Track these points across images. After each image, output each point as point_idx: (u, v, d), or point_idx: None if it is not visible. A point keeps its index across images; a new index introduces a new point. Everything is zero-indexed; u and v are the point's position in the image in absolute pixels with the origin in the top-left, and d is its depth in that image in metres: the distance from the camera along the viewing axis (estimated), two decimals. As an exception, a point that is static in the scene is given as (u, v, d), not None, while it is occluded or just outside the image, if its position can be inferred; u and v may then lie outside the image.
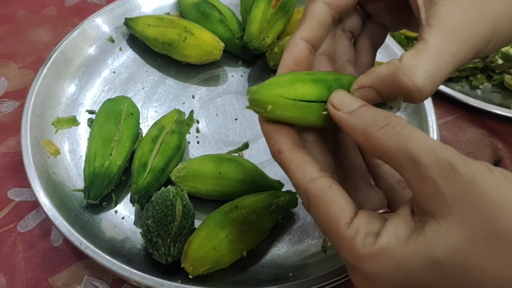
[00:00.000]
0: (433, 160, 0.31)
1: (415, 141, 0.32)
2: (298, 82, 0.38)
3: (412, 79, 0.35)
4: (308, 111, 0.38)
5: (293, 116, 0.38)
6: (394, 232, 0.33)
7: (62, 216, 0.58)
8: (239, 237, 0.56)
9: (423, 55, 0.36)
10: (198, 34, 0.74)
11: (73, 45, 0.75)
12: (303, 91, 0.38)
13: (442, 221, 0.31)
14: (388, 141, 0.33)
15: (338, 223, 0.35)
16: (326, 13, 0.41)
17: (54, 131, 0.68)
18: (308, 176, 0.37)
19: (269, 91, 0.37)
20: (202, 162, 0.62)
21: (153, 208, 0.56)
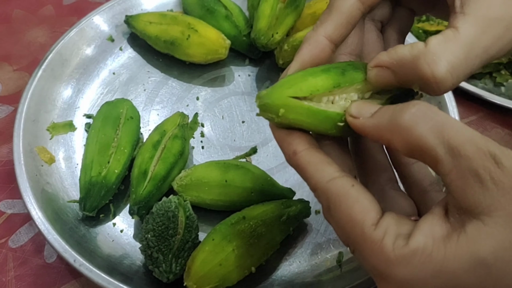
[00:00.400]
0: (475, 151, 0.28)
1: (453, 129, 0.29)
2: (309, 77, 0.34)
3: (432, 69, 0.32)
4: (323, 118, 0.34)
5: (307, 122, 0.34)
6: (430, 232, 0.30)
7: (55, 230, 0.53)
8: (247, 251, 0.51)
9: (451, 44, 0.32)
10: (203, 32, 0.69)
11: (70, 45, 0.71)
12: (316, 84, 0.34)
13: (487, 219, 0.28)
14: (421, 129, 0.30)
15: (363, 224, 0.31)
16: (357, 9, 0.37)
17: (49, 137, 0.63)
18: (328, 175, 0.34)
19: (280, 94, 0.33)
20: (206, 170, 0.57)
21: (153, 220, 0.52)
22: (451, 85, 0.32)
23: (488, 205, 0.28)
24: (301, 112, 0.34)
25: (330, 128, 0.35)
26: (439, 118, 0.30)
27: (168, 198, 0.53)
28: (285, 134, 0.36)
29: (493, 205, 0.28)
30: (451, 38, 0.32)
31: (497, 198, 0.28)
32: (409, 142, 0.30)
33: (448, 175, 0.29)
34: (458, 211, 0.29)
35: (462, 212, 0.29)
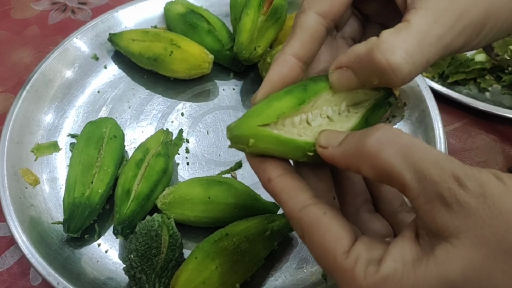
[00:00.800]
0: (440, 174, 0.28)
1: (419, 152, 0.29)
2: (273, 102, 0.34)
3: (387, 57, 0.32)
4: (292, 147, 0.34)
5: (278, 150, 0.34)
6: (400, 256, 0.29)
7: (39, 253, 0.53)
8: (231, 268, 0.51)
9: (403, 33, 0.32)
10: (185, 47, 0.69)
11: (54, 65, 0.71)
12: (281, 107, 0.34)
13: (455, 241, 0.28)
14: (386, 155, 0.29)
15: (335, 253, 0.31)
16: (320, 24, 0.37)
17: (34, 158, 0.63)
18: (300, 203, 0.33)
19: (248, 124, 0.33)
20: (189, 187, 0.57)
21: (136, 240, 0.52)
22: (408, 72, 0.32)
23: (456, 227, 0.28)
24: (270, 141, 0.33)
25: (301, 156, 0.35)
26: (404, 141, 0.29)
27: (151, 217, 0.53)
28: (259, 161, 0.35)
29: (460, 227, 0.28)
30: (402, 29, 0.33)
31: (463, 220, 0.27)
32: (376, 168, 0.30)
33: (416, 199, 0.29)
34: (428, 234, 0.29)
35: (431, 235, 0.29)
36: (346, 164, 0.32)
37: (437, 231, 0.28)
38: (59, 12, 0.86)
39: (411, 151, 0.29)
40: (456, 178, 0.28)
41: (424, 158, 0.29)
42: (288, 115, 0.34)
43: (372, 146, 0.30)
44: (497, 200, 0.27)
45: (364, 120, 0.37)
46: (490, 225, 0.27)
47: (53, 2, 0.88)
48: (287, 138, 0.34)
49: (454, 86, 0.74)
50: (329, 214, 0.32)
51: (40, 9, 0.87)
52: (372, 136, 0.30)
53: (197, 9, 0.75)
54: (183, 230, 0.56)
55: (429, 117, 0.65)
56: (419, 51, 0.32)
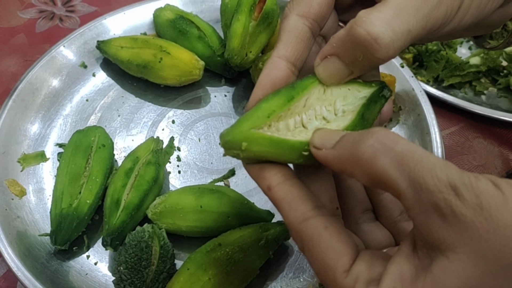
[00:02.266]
0: (435, 184, 0.27)
1: (414, 160, 0.28)
2: (262, 104, 0.33)
3: (366, 28, 0.31)
4: (287, 148, 0.33)
5: (272, 153, 0.33)
6: (398, 274, 0.28)
7: (26, 266, 0.52)
8: (224, 279, 0.49)
9: (380, 8, 0.32)
10: (175, 54, 0.68)
11: (40, 74, 0.69)
12: (270, 107, 0.33)
13: (452, 255, 0.26)
14: (381, 162, 0.28)
15: (335, 271, 0.30)
16: (302, 25, 0.36)
17: (20, 169, 0.62)
18: (301, 215, 0.32)
19: (240, 129, 0.32)
20: (181, 196, 0.56)
21: (126, 251, 0.50)
22: (390, 39, 0.32)
23: (452, 240, 0.26)
24: (263, 143, 0.32)
25: (296, 158, 0.34)
26: (399, 148, 0.28)
27: (141, 228, 0.52)
28: (258, 169, 0.34)
29: (457, 241, 0.26)
30: (379, 5, 0.32)
31: (459, 233, 0.26)
32: (371, 175, 0.29)
33: (412, 209, 0.28)
34: (425, 245, 0.28)
35: (429, 247, 0.28)
36: (339, 168, 0.31)
37: (433, 243, 0.27)
38: (47, 20, 0.85)
39: (406, 159, 0.28)
40: (453, 187, 0.26)
41: (420, 165, 0.27)
42: (279, 114, 0.33)
43: (366, 152, 0.29)
44: (494, 212, 0.26)
45: (360, 116, 0.36)
46: (487, 239, 0.26)
47: (41, 10, 0.86)
48: (280, 139, 0.33)
49: (449, 90, 0.73)
50: (330, 229, 0.31)
51: (27, 17, 0.85)
52: (366, 142, 0.29)
53: (187, 15, 0.74)
54: (174, 240, 0.54)
55: (425, 121, 0.64)
56: (397, 19, 0.32)
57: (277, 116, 0.33)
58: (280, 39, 0.37)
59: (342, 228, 0.32)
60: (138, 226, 0.52)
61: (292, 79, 0.36)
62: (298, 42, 0.36)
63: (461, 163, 0.65)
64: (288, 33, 0.36)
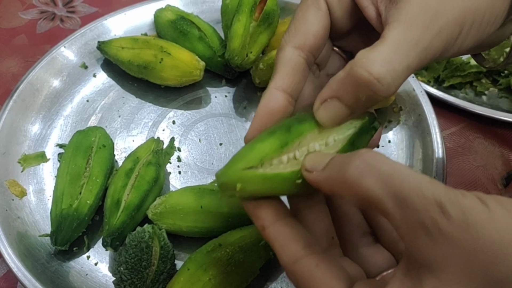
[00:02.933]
0: (421, 202, 0.27)
1: (400, 179, 0.28)
2: (256, 144, 0.34)
3: (367, 69, 0.32)
4: (280, 181, 0.34)
5: (267, 189, 0.34)
6: None
7: (26, 267, 0.52)
8: (225, 279, 0.49)
9: (379, 47, 0.32)
10: (175, 54, 0.68)
11: (41, 74, 0.69)
12: (263, 150, 0.33)
13: (442, 275, 0.26)
14: (367, 183, 0.28)
15: None
16: (298, 56, 0.37)
17: (20, 169, 0.62)
18: (293, 257, 0.33)
19: (233, 169, 0.33)
20: (181, 196, 0.56)
21: (126, 252, 0.50)
22: (391, 79, 0.32)
23: (441, 260, 0.26)
24: (257, 182, 0.33)
25: (291, 189, 0.34)
26: (385, 168, 0.28)
27: (141, 228, 0.51)
28: (253, 207, 0.35)
29: (445, 260, 0.26)
30: (378, 44, 0.32)
31: (448, 252, 0.26)
32: (358, 196, 0.29)
33: (400, 228, 0.28)
34: (415, 265, 0.28)
35: (419, 267, 0.28)
36: (330, 190, 0.32)
37: (423, 263, 0.27)
38: (48, 21, 0.85)
39: (392, 178, 0.28)
40: (439, 205, 0.26)
41: (406, 185, 0.27)
42: (272, 156, 0.33)
43: (353, 173, 0.29)
44: (480, 229, 0.26)
45: (351, 143, 0.36)
46: (475, 257, 0.26)
47: (42, 11, 0.86)
48: (272, 174, 0.33)
49: (450, 90, 0.73)
50: (321, 266, 0.32)
51: (28, 18, 0.85)
52: (352, 163, 0.29)
53: (188, 16, 0.74)
54: (175, 240, 0.54)
55: (425, 121, 0.64)
56: (397, 57, 0.32)
57: (270, 158, 0.33)
58: (277, 71, 0.37)
59: (333, 263, 0.32)
60: (139, 227, 0.52)
61: (289, 109, 0.37)
62: (294, 73, 0.37)
63: (461, 163, 0.65)
64: (285, 65, 0.37)
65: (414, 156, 0.63)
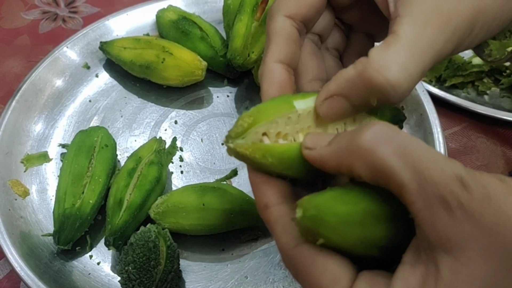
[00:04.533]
0: (441, 175, 0.25)
1: (418, 151, 0.26)
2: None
3: (383, 75, 0.30)
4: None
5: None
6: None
7: (29, 266, 0.52)
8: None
9: (394, 47, 0.31)
10: (178, 54, 0.68)
11: (44, 74, 0.70)
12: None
13: (461, 255, 0.25)
14: (383, 151, 0.27)
15: None
16: (290, 26, 0.36)
17: (23, 169, 0.62)
18: (294, 240, 0.30)
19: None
20: (183, 194, 0.56)
21: (133, 251, 0.50)
22: (407, 87, 0.30)
23: (460, 237, 0.25)
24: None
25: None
26: (402, 138, 0.27)
27: (146, 227, 0.51)
28: (261, 181, 0.33)
29: (465, 237, 0.25)
30: (392, 42, 0.31)
31: (468, 228, 0.25)
32: (372, 165, 0.27)
33: (415, 203, 0.26)
34: (430, 246, 0.26)
35: (433, 247, 0.26)
36: (336, 164, 0.29)
37: (439, 242, 0.26)
38: (50, 21, 0.85)
39: (410, 149, 0.26)
40: (459, 179, 0.25)
41: (424, 157, 0.26)
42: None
43: (367, 141, 0.27)
44: (503, 202, 0.25)
45: None
46: (498, 232, 0.24)
47: (44, 11, 0.87)
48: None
49: (452, 90, 0.73)
50: (325, 251, 0.29)
51: (31, 18, 0.85)
52: (367, 131, 0.27)
53: (190, 16, 0.74)
54: (178, 239, 0.54)
55: (427, 120, 0.64)
56: (413, 61, 0.31)
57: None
58: (271, 42, 0.36)
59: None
60: (142, 226, 0.52)
61: (292, 79, 0.36)
62: (288, 44, 0.36)
63: (463, 163, 0.64)
64: (278, 35, 0.36)
65: (416, 156, 0.63)
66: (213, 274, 0.54)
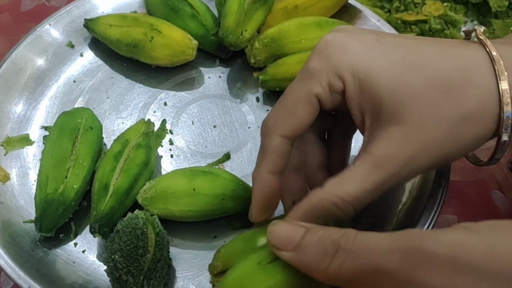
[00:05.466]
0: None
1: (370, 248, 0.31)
2: None
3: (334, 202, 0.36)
4: None
5: None
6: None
7: (9, 254, 0.49)
8: None
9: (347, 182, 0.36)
10: (167, 32, 0.65)
11: (25, 53, 0.66)
12: None
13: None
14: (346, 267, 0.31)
15: None
16: (285, 144, 0.41)
17: (3, 153, 0.59)
18: None
19: None
20: (172, 179, 0.53)
21: (120, 239, 0.47)
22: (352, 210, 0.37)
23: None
24: None
25: None
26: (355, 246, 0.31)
27: (134, 214, 0.48)
28: None
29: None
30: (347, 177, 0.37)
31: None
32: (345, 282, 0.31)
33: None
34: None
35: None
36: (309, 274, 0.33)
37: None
38: (32, -1, 0.81)
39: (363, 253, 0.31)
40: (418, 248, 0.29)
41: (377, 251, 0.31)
42: None
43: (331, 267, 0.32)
44: None
45: None
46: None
47: (26, -12, 0.83)
48: None
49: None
50: None
51: (12, -4, 0.82)
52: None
53: (179, -8, 0.70)
54: (167, 226, 0.51)
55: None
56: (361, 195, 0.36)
57: None
58: (265, 156, 0.42)
59: None
60: (130, 212, 0.49)
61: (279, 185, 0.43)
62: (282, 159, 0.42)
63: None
64: (274, 152, 0.41)
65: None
66: (205, 262, 0.51)
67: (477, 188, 0.59)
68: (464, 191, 0.59)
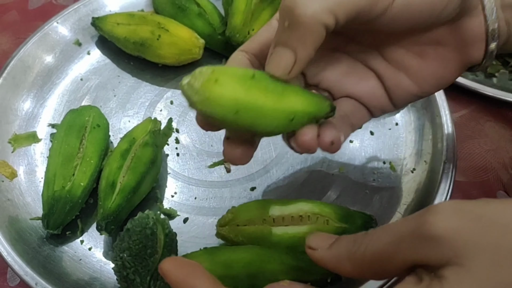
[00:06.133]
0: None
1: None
2: None
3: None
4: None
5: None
6: None
7: (16, 251, 0.49)
8: None
9: None
10: (174, 31, 0.65)
11: (33, 51, 0.66)
12: None
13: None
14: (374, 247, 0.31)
15: None
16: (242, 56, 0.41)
17: (11, 150, 0.59)
18: None
19: None
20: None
21: (130, 238, 0.47)
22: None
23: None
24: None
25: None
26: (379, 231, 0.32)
27: (145, 213, 0.48)
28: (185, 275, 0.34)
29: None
30: None
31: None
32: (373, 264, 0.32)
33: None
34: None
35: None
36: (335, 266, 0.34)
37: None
38: (40, -4, 0.81)
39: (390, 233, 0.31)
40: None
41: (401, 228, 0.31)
42: None
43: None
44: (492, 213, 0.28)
45: None
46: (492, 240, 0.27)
47: (34, -14, 0.83)
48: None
49: (459, 71, 0.70)
50: None
51: (20, -6, 0.82)
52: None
53: (187, -9, 0.70)
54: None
55: (435, 103, 0.61)
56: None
57: None
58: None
59: None
60: (140, 212, 0.49)
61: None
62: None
63: (472, 147, 0.63)
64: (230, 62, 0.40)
65: (424, 138, 0.60)
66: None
67: (482, 189, 0.59)
68: (469, 192, 0.59)
